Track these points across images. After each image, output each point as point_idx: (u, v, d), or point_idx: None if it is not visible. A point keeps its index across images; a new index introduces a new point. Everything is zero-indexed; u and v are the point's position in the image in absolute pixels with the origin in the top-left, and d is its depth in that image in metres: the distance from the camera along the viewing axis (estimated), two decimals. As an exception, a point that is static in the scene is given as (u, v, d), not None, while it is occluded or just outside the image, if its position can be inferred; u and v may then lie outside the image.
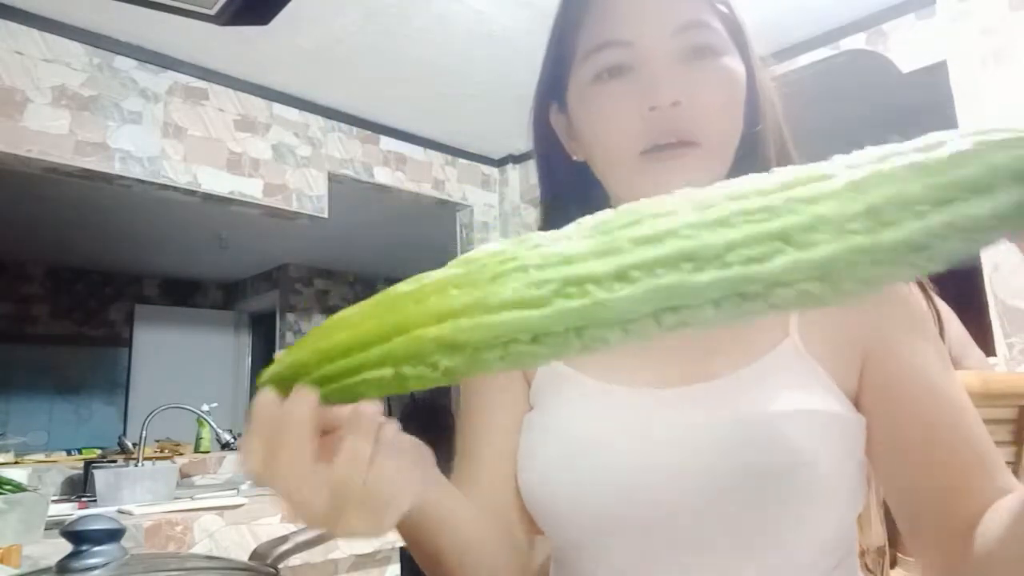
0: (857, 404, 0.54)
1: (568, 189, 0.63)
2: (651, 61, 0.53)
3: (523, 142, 3.35)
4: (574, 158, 0.61)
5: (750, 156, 0.58)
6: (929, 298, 0.57)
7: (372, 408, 0.35)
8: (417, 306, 0.32)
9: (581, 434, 0.54)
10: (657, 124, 0.52)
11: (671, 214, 0.31)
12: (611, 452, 0.52)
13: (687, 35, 0.53)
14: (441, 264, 0.34)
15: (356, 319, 0.34)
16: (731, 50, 0.55)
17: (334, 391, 0.34)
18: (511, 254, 0.32)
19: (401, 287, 0.33)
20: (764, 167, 0.54)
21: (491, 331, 0.31)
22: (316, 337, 0.35)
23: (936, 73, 2.16)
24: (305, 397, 0.34)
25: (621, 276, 0.30)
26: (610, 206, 0.49)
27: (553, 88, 0.60)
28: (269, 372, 0.37)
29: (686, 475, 0.50)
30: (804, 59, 2.50)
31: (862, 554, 1.13)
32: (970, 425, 0.50)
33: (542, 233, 0.33)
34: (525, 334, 0.31)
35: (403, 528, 0.47)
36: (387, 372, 0.32)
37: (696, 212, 0.30)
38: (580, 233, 0.32)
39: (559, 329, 0.30)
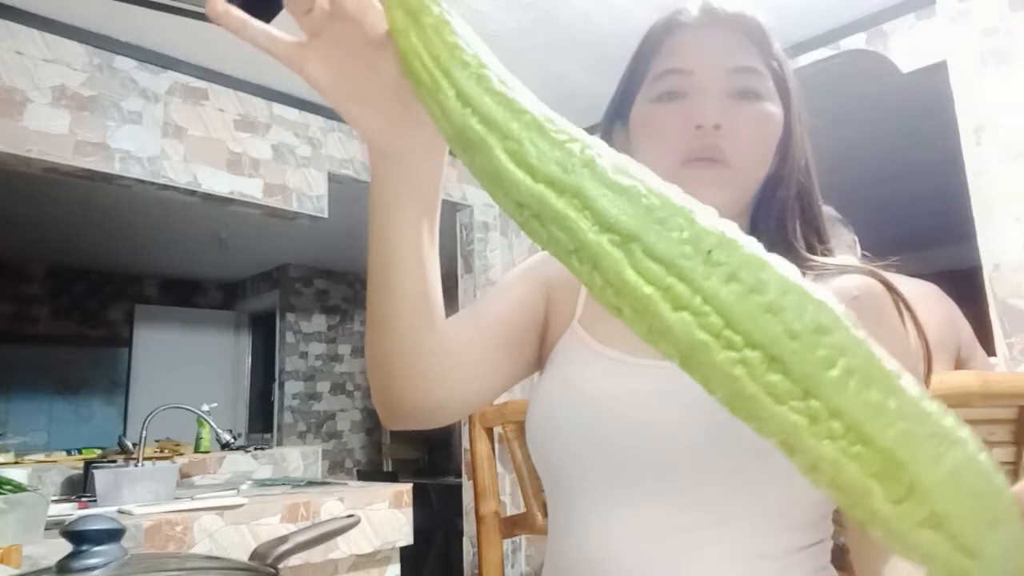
0: None
1: None
2: (704, 90, 0.63)
3: (523, 142, 3.35)
4: None
5: (773, 190, 0.67)
6: (913, 319, 0.63)
7: None
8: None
9: (590, 389, 0.62)
10: (699, 140, 0.61)
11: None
12: (612, 407, 0.60)
13: (738, 77, 0.63)
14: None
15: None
16: (774, 98, 0.65)
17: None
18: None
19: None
20: (781, 205, 0.68)
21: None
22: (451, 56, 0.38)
23: (936, 73, 2.16)
24: None
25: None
26: None
27: (621, 108, 0.70)
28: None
29: (680, 435, 0.57)
30: (804, 59, 2.51)
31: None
32: None
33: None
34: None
35: (372, 168, 0.52)
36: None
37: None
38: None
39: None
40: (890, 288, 0.63)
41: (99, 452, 3.00)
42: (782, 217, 0.67)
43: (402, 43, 0.39)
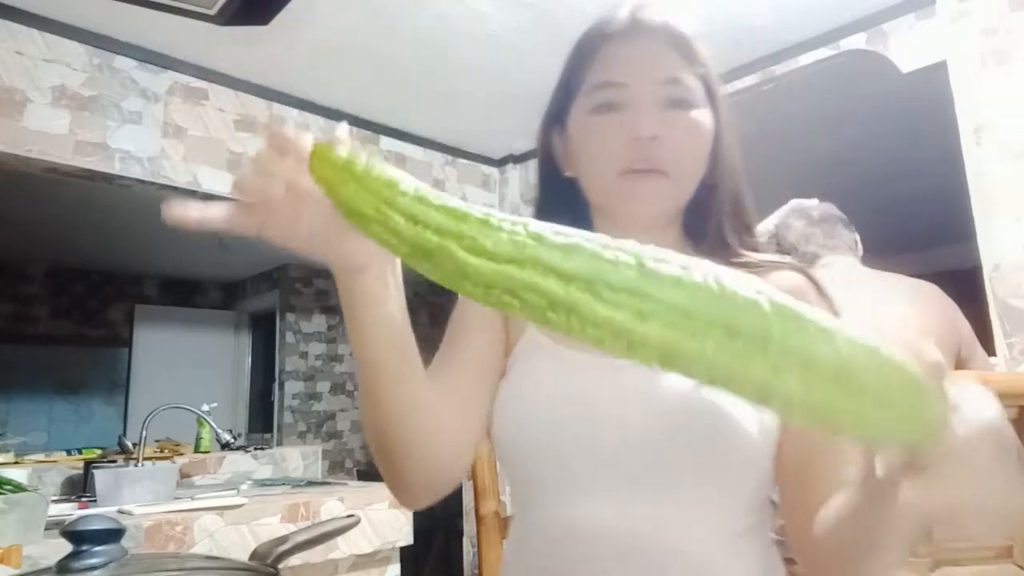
0: None
1: (559, 198, 0.76)
2: (639, 102, 0.66)
3: (523, 142, 3.36)
4: (566, 174, 0.74)
5: (707, 195, 0.71)
6: (831, 308, 0.69)
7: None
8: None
9: (555, 389, 0.65)
10: (636, 152, 0.65)
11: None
12: (572, 403, 0.64)
13: (669, 87, 0.67)
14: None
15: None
16: (704, 105, 0.68)
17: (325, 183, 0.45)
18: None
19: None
20: (716, 209, 0.73)
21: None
22: (374, 194, 0.44)
23: (936, 73, 2.15)
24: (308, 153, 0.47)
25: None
26: (590, 215, 0.74)
27: (558, 115, 0.73)
28: (325, 146, 0.47)
29: (635, 429, 0.61)
30: (804, 59, 2.50)
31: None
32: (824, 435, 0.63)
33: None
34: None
35: (342, 294, 0.55)
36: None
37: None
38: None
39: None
40: (814, 282, 0.69)
41: (99, 452, 3.00)
42: (718, 220, 0.71)
43: (343, 193, 0.45)
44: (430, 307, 5.09)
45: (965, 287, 2.08)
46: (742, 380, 0.36)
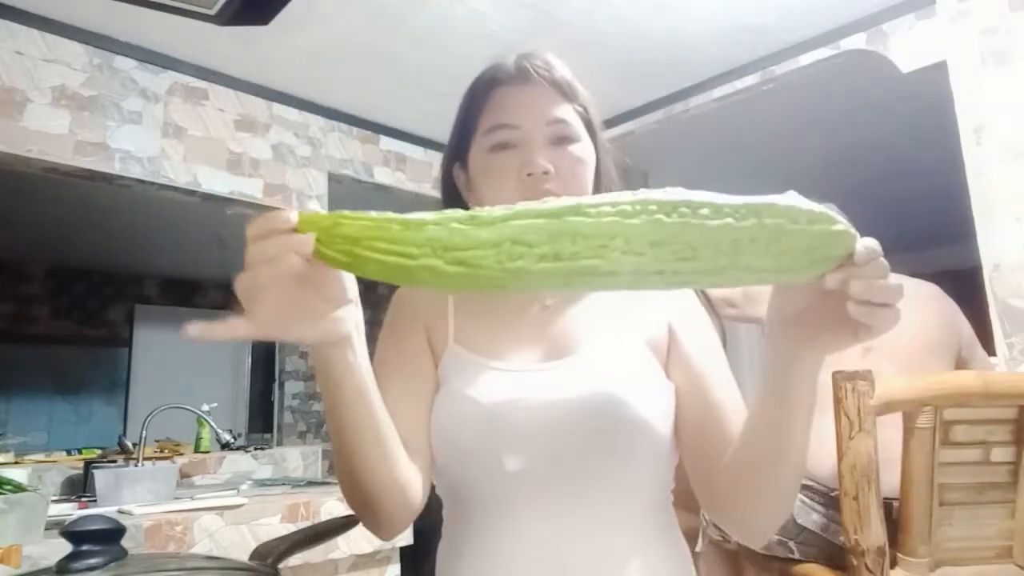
0: (665, 370, 0.76)
1: None
2: (530, 141, 0.75)
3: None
4: (470, 205, 0.81)
5: None
6: (711, 306, 0.79)
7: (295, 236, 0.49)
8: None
9: (481, 399, 0.72)
10: (531, 185, 0.73)
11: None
12: (498, 415, 0.70)
13: (555, 127, 0.76)
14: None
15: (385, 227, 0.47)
16: (584, 138, 0.78)
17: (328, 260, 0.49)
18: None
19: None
20: None
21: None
22: (354, 221, 0.48)
23: (936, 73, 2.15)
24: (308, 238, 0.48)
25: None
26: None
27: (459, 153, 0.82)
28: (311, 216, 0.49)
29: (549, 432, 0.69)
30: (804, 59, 2.50)
31: (862, 554, 1.13)
32: (724, 385, 0.75)
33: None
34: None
35: (320, 368, 0.59)
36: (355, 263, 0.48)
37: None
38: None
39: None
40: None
41: (99, 452, 3.00)
42: None
43: (334, 244, 0.48)
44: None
45: (965, 287, 2.08)
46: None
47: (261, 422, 5.65)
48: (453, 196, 0.84)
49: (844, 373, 1.14)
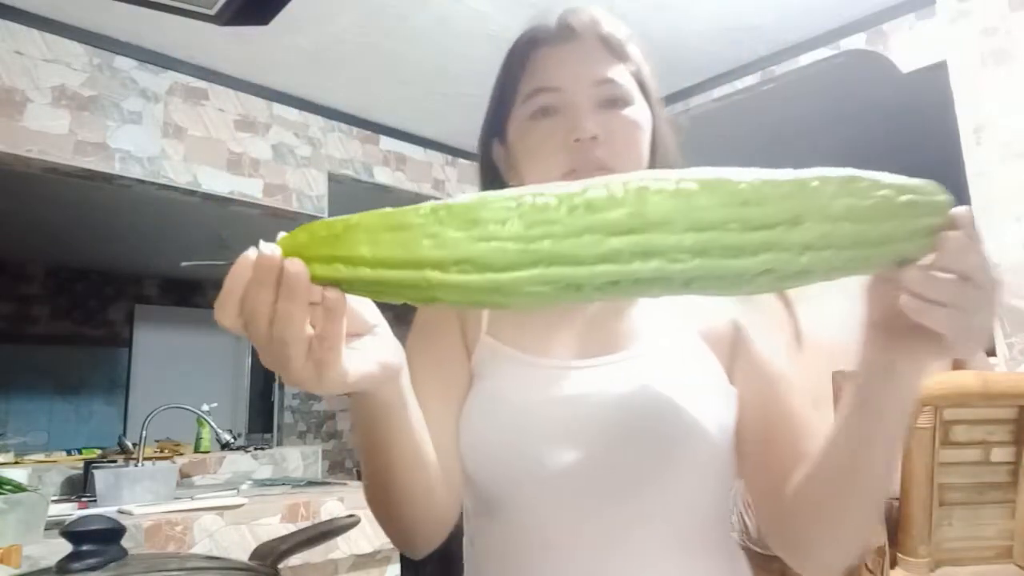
0: (729, 376, 0.67)
1: None
2: (575, 104, 0.66)
3: (523, 142, 3.36)
4: (510, 184, 0.73)
5: None
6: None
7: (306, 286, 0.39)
8: (430, 246, 0.37)
9: (514, 399, 0.65)
10: (578, 153, 0.65)
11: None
12: (535, 415, 0.63)
13: (603, 88, 0.67)
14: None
15: (376, 239, 0.38)
16: (638, 101, 0.69)
17: (325, 280, 0.39)
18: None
19: (420, 212, 0.39)
20: None
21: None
22: (334, 239, 0.39)
23: (936, 73, 2.15)
24: (300, 268, 0.39)
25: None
26: None
27: (496, 125, 0.73)
28: (279, 243, 0.40)
29: (591, 436, 0.61)
30: (804, 59, 2.50)
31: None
32: (792, 403, 0.65)
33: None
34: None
35: (358, 409, 0.53)
36: (383, 287, 0.39)
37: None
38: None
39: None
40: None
41: (99, 452, 3.00)
42: None
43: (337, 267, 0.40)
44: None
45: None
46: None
47: (261, 422, 5.65)
48: (492, 176, 0.75)
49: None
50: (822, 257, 0.38)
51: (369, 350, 0.45)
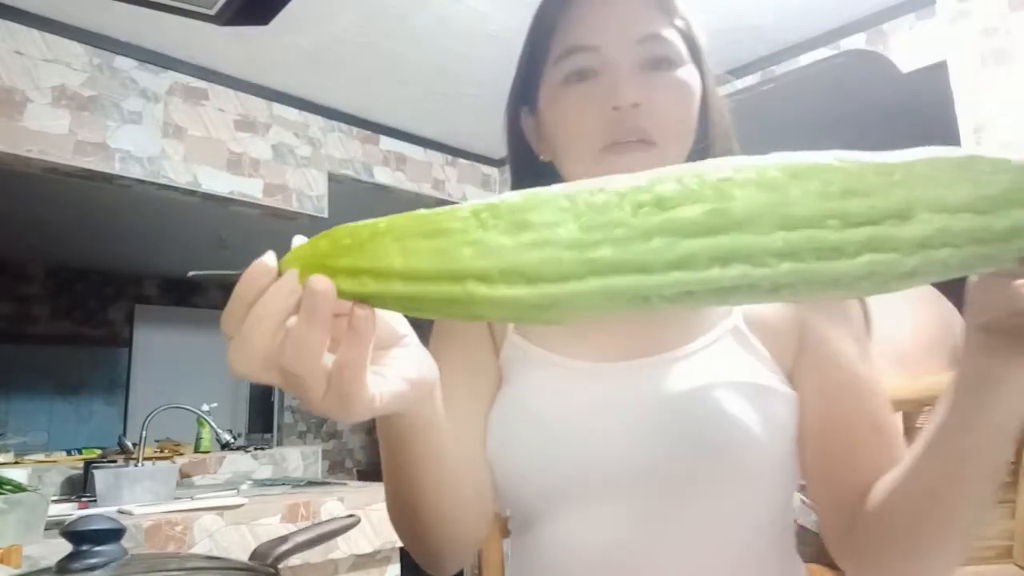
0: (790, 381, 0.60)
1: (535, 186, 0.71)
2: (615, 66, 0.58)
3: (523, 142, 3.36)
4: (542, 158, 0.66)
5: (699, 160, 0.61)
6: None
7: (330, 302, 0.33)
8: (472, 255, 0.32)
9: (545, 407, 0.59)
10: (618, 122, 0.57)
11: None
12: (570, 423, 0.57)
13: (647, 46, 0.58)
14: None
15: (409, 247, 0.33)
16: (687, 63, 0.60)
17: (352, 295, 0.34)
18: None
19: (458, 215, 0.33)
20: None
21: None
22: (360, 248, 0.33)
23: (936, 73, 2.15)
24: (327, 286, 0.32)
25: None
26: None
27: (525, 92, 0.65)
28: (295, 253, 0.35)
29: (634, 442, 0.55)
30: (804, 59, 2.50)
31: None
32: (880, 407, 0.58)
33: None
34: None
35: (386, 430, 0.49)
36: (418, 303, 0.33)
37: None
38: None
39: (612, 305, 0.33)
40: None
41: (99, 452, 3.00)
42: None
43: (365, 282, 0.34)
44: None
45: (963, 288, 2.07)
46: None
47: (261, 422, 5.65)
48: (522, 152, 0.67)
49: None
50: (936, 256, 0.32)
51: (398, 367, 0.38)
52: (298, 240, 0.36)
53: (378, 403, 0.36)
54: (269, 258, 0.34)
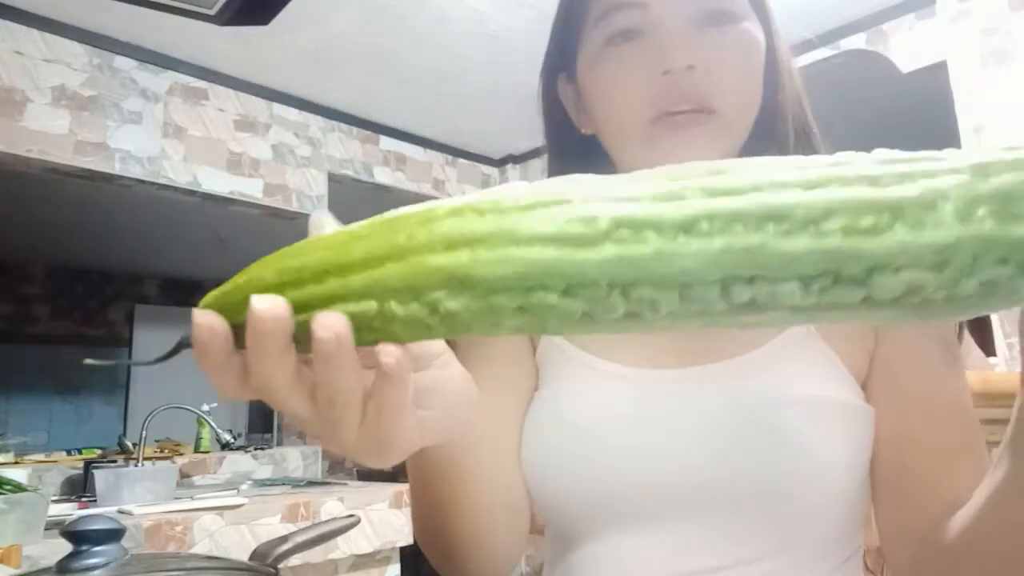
0: (864, 391, 0.53)
1: (576, 166, 0.62)
2: (665, 23, 0.50)
3: (523, 142, 3.35)
4: (583, 131, 0.58)
5: (767, 131, 0.54)
6: None
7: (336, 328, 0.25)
8: (423, 227, 0.25)
9: (586, 417, 0.52)
10: (670, 89, 0.49)
11: (755, 169, 0.24)
12: (615, 436, 0.51)
13: (701, 0, 0.50)
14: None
15: (340, 237, 0.26)
16: (751, 16, 0.52)
17: (296, 324, 0.26)
18: (552, 186, 0.25)
19: (407, 208, 0.27)
20: (783, 144, 0.54)
21: (515, 267, 0.24)
22: (283, 255, 0.27)
23: (936, 73, 2.16)
24: (276, 305, 0.25)
25: (689, 227, 0.23)
26: None
27: (562, 56, 0.57)
28: (213, 295, 0.28)
29: (690, 460, 0.49)
30: (804, 59, 2.50)
31: (864, 554, 1.13)
32: (969, 423, 0.51)
33: (590, 175, 0.26)
34: (558, 280, 0.24)
35: (419, 460, 0.44)
36: (369, 306, 0.25)
37: (788, 169, 0.24)
38: (641, 176, 0.26)
39: (603, 280, 0.24)
40: None
41: (99, 452, 3.00)
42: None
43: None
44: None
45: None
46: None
47: (261, 422, 5.65)
48: (560, 125, 0.59)
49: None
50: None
51: (435, 394, 0.32)
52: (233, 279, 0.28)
53: (418, 443, 0.30)
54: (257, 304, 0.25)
